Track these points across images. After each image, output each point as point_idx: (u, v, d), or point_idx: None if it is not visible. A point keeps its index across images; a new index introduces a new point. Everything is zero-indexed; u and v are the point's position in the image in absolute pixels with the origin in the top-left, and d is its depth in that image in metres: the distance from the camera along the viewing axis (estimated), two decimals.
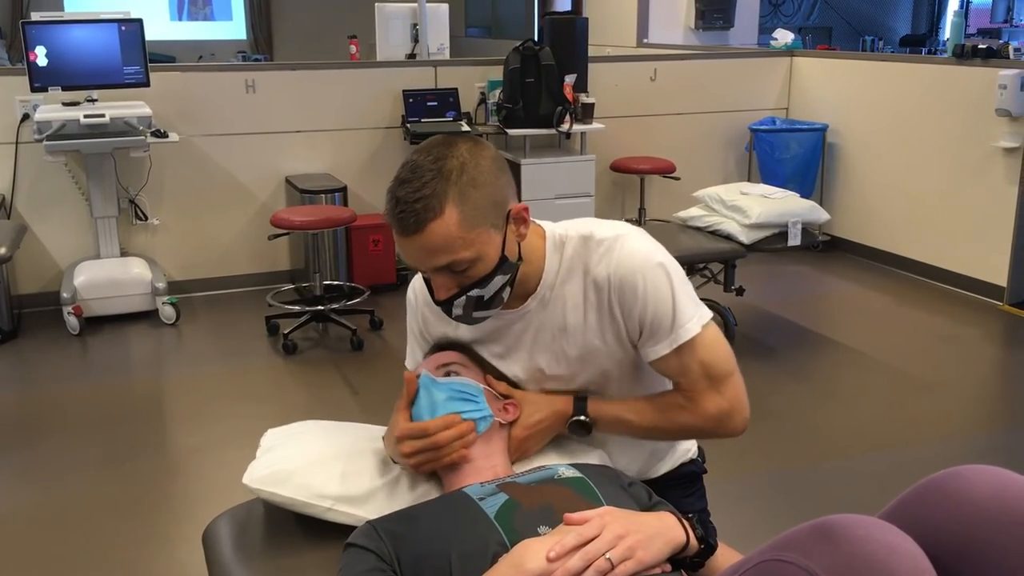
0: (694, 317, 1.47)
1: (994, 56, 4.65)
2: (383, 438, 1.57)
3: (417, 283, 1.62)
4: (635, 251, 1.46)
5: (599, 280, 1.47)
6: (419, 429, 1.44)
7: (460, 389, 1.48)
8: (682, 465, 1.72)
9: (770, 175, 5.48)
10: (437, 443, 1.43)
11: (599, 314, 1.49)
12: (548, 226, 1.56)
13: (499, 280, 1.42)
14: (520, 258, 1.45)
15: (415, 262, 1.39)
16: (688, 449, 1.74)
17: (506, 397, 1.54)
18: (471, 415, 1.46)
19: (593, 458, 1.58)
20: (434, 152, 1.37)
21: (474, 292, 1.41)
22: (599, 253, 1.48)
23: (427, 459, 1.45)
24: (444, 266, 1.37)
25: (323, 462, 1.52)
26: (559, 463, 1.46)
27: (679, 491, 1.70)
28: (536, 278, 1.51)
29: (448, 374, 1.52)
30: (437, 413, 1.45)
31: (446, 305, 1.43)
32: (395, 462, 1.53)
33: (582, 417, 1.51)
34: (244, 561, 1.50)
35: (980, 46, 4.74)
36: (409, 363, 1.69)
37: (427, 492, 1.50)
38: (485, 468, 1.45)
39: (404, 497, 1.50)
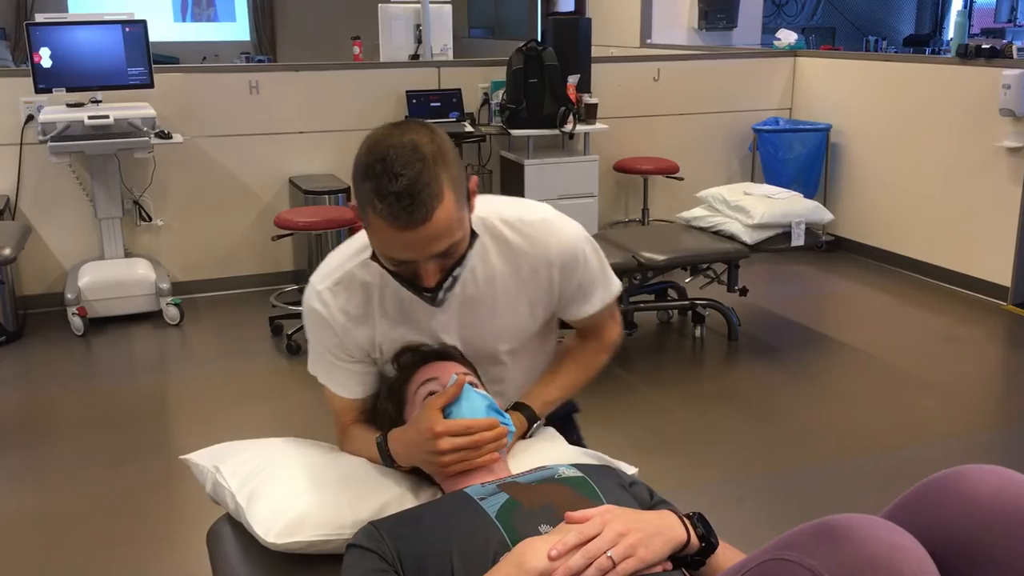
0: (613, 276, 1.71)
1: (998, 56, 4.65)
2: (377, 441, 1.55)
3: (326, 295, 1.55)
4: (569, 231, 1.61)
5: (542, 259, 1.58)
6: (463, 427, 1.43)
7: (493, 403, 1.51)
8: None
9: (773, 175, 5.47)
10: (479, 442, 1.43)
11: (535, 290, 1.60)
12: None
13: (468, 256, 1.45)
14: (474, 232, 1.47)
15: (414, 253, 1.37)
16: None
17: None
18: (508, 427, 1.50)
19: (592, 459, 1.61)
20: (403, 140, 1.34)
21: (456, 272, 1.43)
22: (534, 235, 1.57)
23: (462, 457, 1.44)
24: (443, 251, 1.38)
25: (324, 496, 1.49)
26: (559, 463, 1.47)
27: (557, 425, 1.82)
28: None
29: (471, 384, 1.53)
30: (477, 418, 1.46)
31: (435, 291, 1.42)
32: (393, 466, 1.54)
33: (538, 422, 1.69)
34: (248, 561, 1.50)
35: (984, 46, 4.73)
36: (337, 387, 1.64)
37: (434, 496, 1.51)
38: (485, 471, 1.47)
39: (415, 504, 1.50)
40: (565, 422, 1.87)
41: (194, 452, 1.70)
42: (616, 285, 1.71)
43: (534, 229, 1.57)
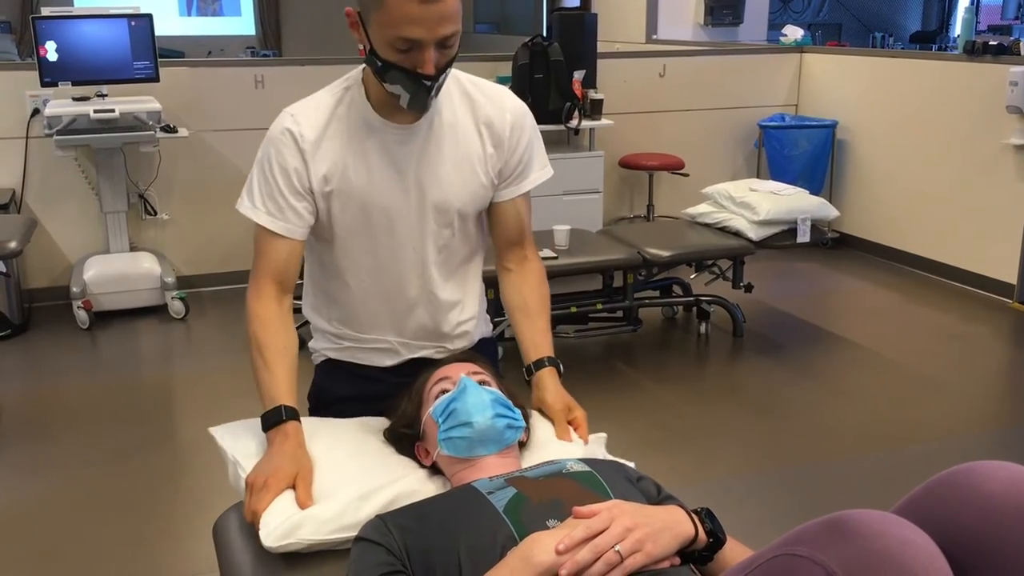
0: (548, 161, 1.83)
1: (1005, 53, 4.63)
2: (263, 413, 1.60)
3: (299, 115, 1.69)
4: (517, 98, 1.78)
5: (497, 113, 1.72)
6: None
7: (500, 398, 1.53)
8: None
9: (779, 172, 5.46)
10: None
11: (489, 146, 1.72)
12: None
13: (454, 59, 1.57)
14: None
15: (425, 31, 1.46)
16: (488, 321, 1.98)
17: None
18: (514, 423, 1.52)
19: (600, 453, 1.63)
20: None
21: (447, 71, 1.57)
22: (492, 93, 1.74)
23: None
24: (447, 36, 1.49)
25: (331, 497, 1.48)
26: (567, 458, 1.47)
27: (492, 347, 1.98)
28: None
29: (482, 383, 1.55)
30: (486, 412, 1.48)
31: (433, 80, 1.53)
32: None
33: (559, 366, 1.76)
34: (255, 554, 1.50)
35: (991, 43, 4.72)
36: (281, 226, 1.67)
37: (441, 491, 1.51)
38: (495, 465, 1.47)
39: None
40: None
41: (219, 426, 1.70)
42: (549, 169, 1.83)
43: (492, 90, 1.76)
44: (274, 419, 1.57)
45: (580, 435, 1.67)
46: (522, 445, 1.60)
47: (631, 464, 1.62)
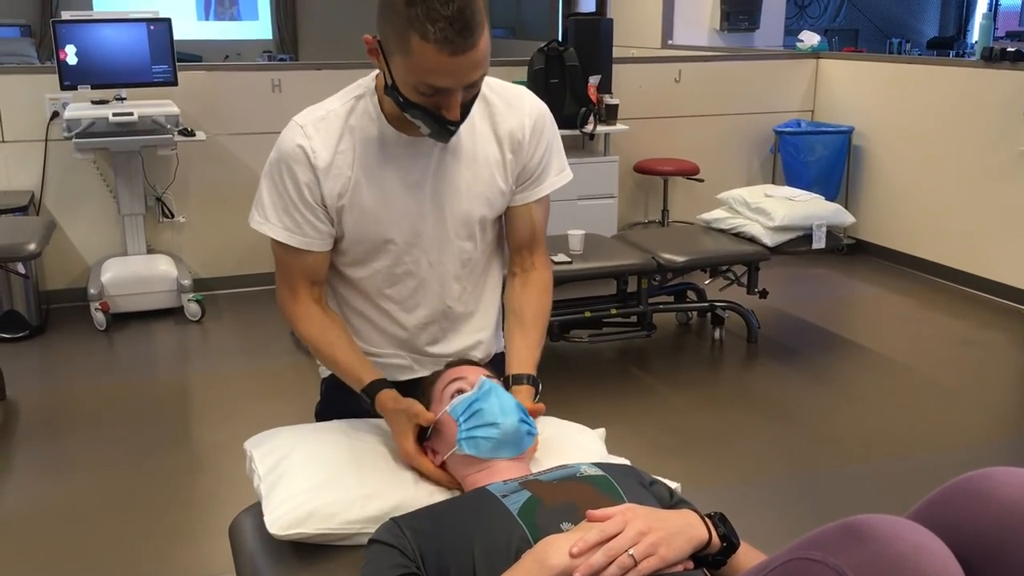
0: (567, 165, 1.81)
1: (1023, 59, 4.61)
2: (362, 392, 1.63)
3: (309, 129, 1.63)
4: (537, 99, 1.75)
5: (516, 117, 1.68)
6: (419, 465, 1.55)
7: (521, 404, 1.55)
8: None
9: (795, 178, 5.45)
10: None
11: (508, 151, 1.68)
12: None
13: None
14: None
15: (454, 80, 1.41)
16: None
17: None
18: (532, 430, 1.54)
19: (599, 448, 1.68)
20: None
21: (471, 108, 1.51)
22: (511, 96, 1.70)
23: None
24: (475, 80, 1.44)
25: (338, 492, 1.50)
26: (581, 461, 1.47)
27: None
28: None
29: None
30: (512, 416, 1.49)
31: (458, 124, 1.49)
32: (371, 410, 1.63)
33: (538, 386, 1.67)
34: (270, 554, 1.51)
35: (1009, 49, 4.70)
36: (302, 240, 1.66)
37: (447, 496, 1.52)
38: (508, 469, 1.47)
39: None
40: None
41: (251, 437, 1.72)
42: (568, 173, 1.80)
43: (511, 93, 1.72)
44: (368, 399, 1.61)
45: None
46: None
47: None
